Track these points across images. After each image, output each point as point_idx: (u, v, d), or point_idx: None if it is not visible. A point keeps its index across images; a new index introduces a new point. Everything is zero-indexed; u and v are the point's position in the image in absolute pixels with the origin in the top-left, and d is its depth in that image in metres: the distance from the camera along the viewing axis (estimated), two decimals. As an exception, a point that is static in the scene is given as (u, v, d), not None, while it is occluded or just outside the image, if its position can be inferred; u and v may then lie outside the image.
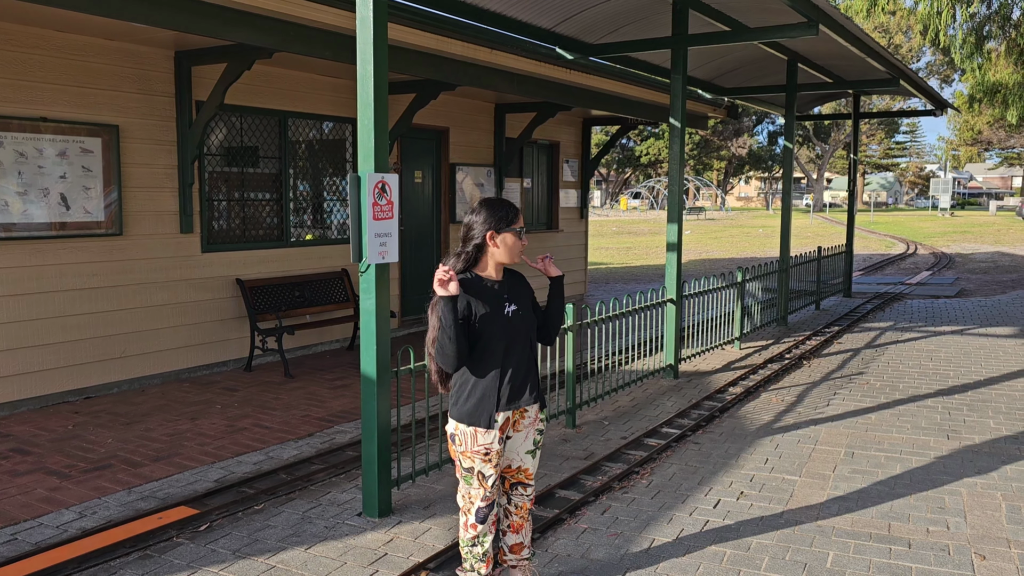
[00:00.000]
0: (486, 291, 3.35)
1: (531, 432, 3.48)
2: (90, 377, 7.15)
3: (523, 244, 3.39)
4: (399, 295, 10.23)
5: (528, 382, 3.41)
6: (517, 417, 3.43)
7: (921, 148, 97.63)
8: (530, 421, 3.47)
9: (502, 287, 3.40)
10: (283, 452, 5.73)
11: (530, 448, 3.50)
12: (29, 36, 6.59)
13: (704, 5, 7.83)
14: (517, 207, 3.45)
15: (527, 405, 3.42)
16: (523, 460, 3.50)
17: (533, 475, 3.56)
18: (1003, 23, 19.15)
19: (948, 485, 5.16)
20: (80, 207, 6.98)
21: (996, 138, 66.30)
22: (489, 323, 3.30)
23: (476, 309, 3.30)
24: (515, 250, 3.39)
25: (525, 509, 3.58)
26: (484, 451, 3.34)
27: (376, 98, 4.36)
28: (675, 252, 8.05)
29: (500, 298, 3.36)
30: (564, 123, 13.30)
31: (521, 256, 3.40)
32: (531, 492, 3.57)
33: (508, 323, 3.34)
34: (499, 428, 3.35)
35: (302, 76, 8.80)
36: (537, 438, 3.51)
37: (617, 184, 77.20)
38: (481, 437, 3.33)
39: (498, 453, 3.37)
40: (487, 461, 3.35)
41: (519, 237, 3.38)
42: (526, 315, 3.41)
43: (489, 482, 3.38)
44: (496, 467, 3.38)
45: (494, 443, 3.34)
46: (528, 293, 3.49)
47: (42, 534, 4.36)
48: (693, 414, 6.81)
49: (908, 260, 23.34)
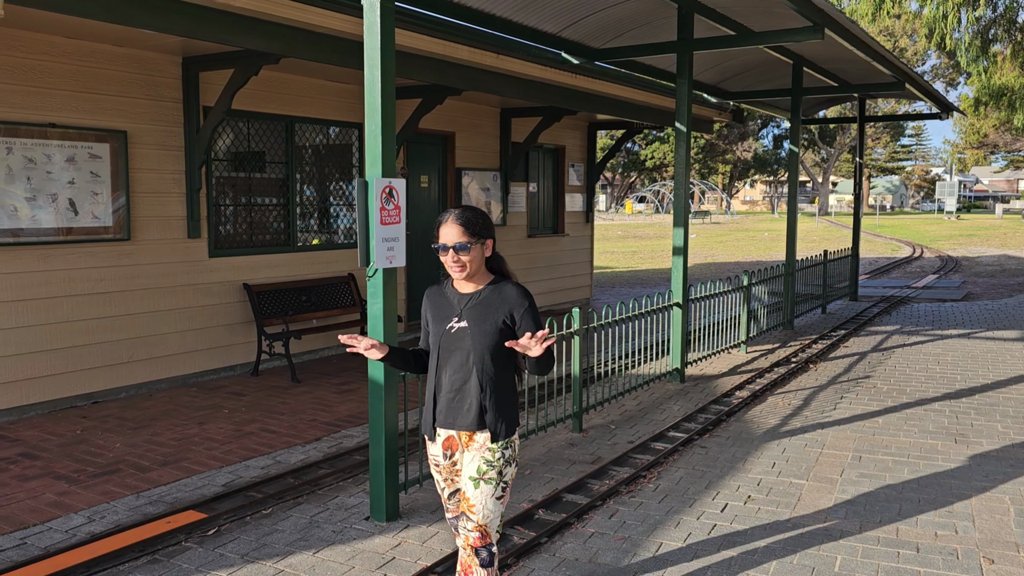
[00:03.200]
0: (442, 301, 3.18)
1: (477, 458, 3.08)
2: (98, 382, 7.18)
3: (449, 262, 3.06)
4: (405, 300, 10.25)
5: (467, 405, 3.06)
6: (466, 439, 3.12)
7: (927, 151, 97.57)
8: (478, 446, 3.09)
9: (463, 300, 3.13)
10: (290, 456, 5.75)
11: (471, 475, 3.07)
12: (38, 42, 6.63)
13: (709, 10, 7.84)
14: (449, 217, 3.08)
15: (463, 430, 3.10)
16: (465, 486, 3.10)
17: (476, 509, 3.06)
18: (1009, 26, 19.12)
19: (956, 489, 5.15)
20: (88, 212, 7.01)
21: (1002, 141, 66.12)
22: (433, 334, 3.15)
23: (428, 318, 3.20)
24: (448, 268, 3.11)
25: (467, 545, 3.09)
26: (434, 461, 3.23)
27: (384, 103, 4.37)
28: (681, 256, 8.05)
29: (451, 311, 3.12)
30: (569, 127, 13.32)
31: (459, 275, 3.09)
32: (473, 528, 3.07)
33: (447, 338, 3.09)
34: (440, 443, 3.17)
35: (309, 81, 8.83)
36: (483, 467, 3.06)
37: (622, 188, 77.21)
38: (431, 447, 3.23)
39: (446, 468, 3.20)
40: (437, 471, 3.23)
41: (443, 253, 3.07)
42: (479, 334, 3.05)
43: (445, 494, 3.25)
44: (447, 481, 3.22)
45: (439, 455, 3.19)
46: (502, 312, 3.08)
47: (51, 538, 4.38)
48: (700, 418, 6.80)
49: (914, 263, 23.28)
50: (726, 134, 63.04)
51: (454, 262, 3.06)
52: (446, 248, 3.06)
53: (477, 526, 3.07)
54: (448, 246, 3.05)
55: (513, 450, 3.12)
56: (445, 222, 3.08)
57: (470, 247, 3.05)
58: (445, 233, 3.06)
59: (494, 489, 3.06)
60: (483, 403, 3.06)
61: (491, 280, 3.16)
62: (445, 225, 3.07)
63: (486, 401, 3.06)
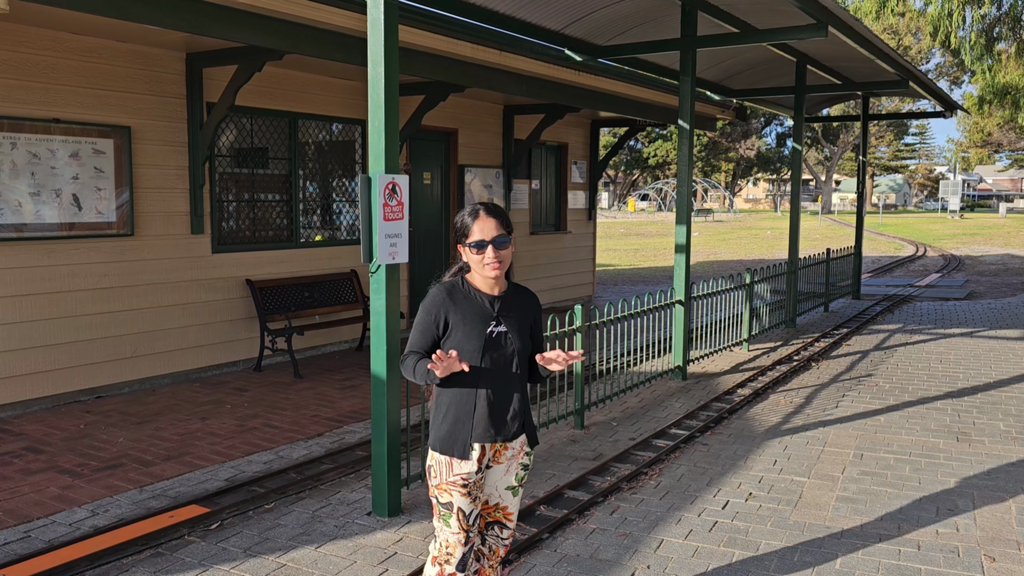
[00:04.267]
0: (471, 303, 2.85)
1: (514, 466, 2.96)
2: (101, 377, 7.20)
3: (488, 260, 2.78)
4: (408, 296, 10.26)
5: (511, 414, 2.89)
6: (498, 448, 2.92)
7: (930, 150, 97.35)
8: (513, 454, 2.95)
9: (494, 303, 2.87)
10: (293, 452, 5.76)
11: (511, 484, 2.97)
12: (42, 38, 6.64)
13: (713, 7, 7.83)
14: (480, 211, 2.80)
15: (506, 440, 2.91)
16: (502, 496, 2.97)
17: (514, 516, 3.02)
18: (1014, 24, 19.08)
19: (957, 487, 5.15)
20: (92, 208, 7.03)
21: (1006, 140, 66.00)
22: (469, 339, 2.81)
23: (452, 320, 2.83)
24: (479, 268, 2.82)
25: (498, 555, 3.05)
26: (462, 482, 2.84)
27: (387, 100, 4.38)
28: (683, 254, 8.05)
29: (486, 314, 2.84)
30: (572, 125, 13.32)
31: (495, 274, 2.81)
32: (508, 536, 3.03)
33: (491, 343, 2.83)
34: (476, 459, 2.87)
35: (312, 78, 8.84)
36: (521, 473, 2.99)
37: (625, 186, 77.15)
38: (457, 466, 2.85)
39: (478, 485, 2.89)
40: (466, 495, 2.85)
41: (479, 252, 2.79)
42: (517, 340, 2.87)
43: (470, 519, 2.89)
44: (475, 502, 2.89)
45: (472, 474, 2.86)
46: (529, 317, 2.95)
47: (55, 532, 4.39)
48: (701, 415, 6.81)
49: (917, 262, 23.26)
50: (729, 132, 63.00)
51: (494, 258, 2.77)
52: (483, 244, 2.76)
53: (511, 532, 3.01)
54: (487, 241, 2.76)
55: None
56: (477, 217, 2.79)
57: (508, 241, 2.80)
58: (481, 228, 2.77)
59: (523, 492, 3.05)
60: (523, 409, 2.93)
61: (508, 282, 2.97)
62: (479, 220, 2.78)
63: (526, 406, 2.94)
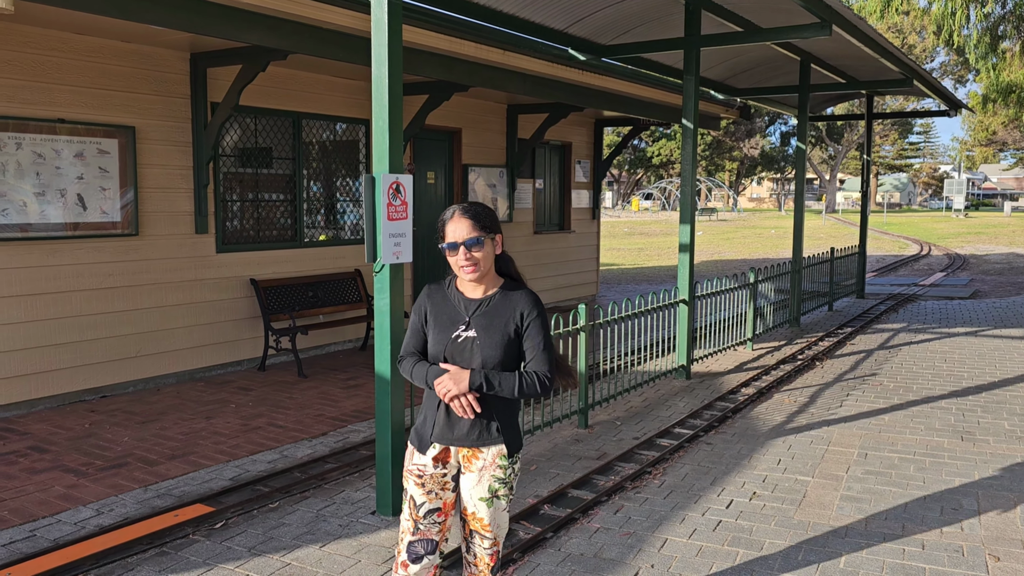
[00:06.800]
0: (446, 305, 2.87)
1: (485, 477, 2.86)
2: (106, 376, 7.21)
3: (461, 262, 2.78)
4: (412, 295, 10.27)
5: (470, 422, 2.81)
6: (466, 454, 2.87)
7: (935, 149, 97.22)
8: (483, 464, 2.85)
9: (471, 307, 2.84)
10: (297, 451, 5.77)
11: (484, 495, 2.87)
12: (47, 39, 6.65)
13: (717, 6, 7.83)
14: (456, 212, 2.81)
15: (467, 446, 2.84)
16: (476, 507, 2.89)
17: (492, 527, 2.90)
18: (1018, 23, 19.03)
19: (962, 487, 5.15)
20: (96, 208, 7.05)
21: (1011, 139, 65.85)
22: (436, 342, 2.83)
23: (429, 321, 2.88)
24: (456, 270, 2.83)
25: (484, 563, 2.95)
26: (417, 472, 2.87)
27: (391, 100, 4.39)
28: (687, 253, 8.05)
29: (457, 317, 2.83)
30: (576, 124, 13.32)
31: (471, 276, 2.80)
32: (490, 546, 2.94)
33: (453, 348, 2.81)
34: (433, 457, 2.87)
35: (316, 77, 8.85)
36: (495, 485, 2.86)
37: (629, 185, 77.13)
38: (417, 456, 2.89)
39: (435, 480, 2.87)
40: (419, 485, 2.87)
41: (452, 253, 2.79)
42: (488, 345, 2.78)
43: (420, 512, 2.86)
44: (430, 495, 2.87)
45: (428, 466, 2.86)
46: (511, 323, 2.82)
47: (60, 531, 4.41)
48: (705, 414, 6.81)
49: (922, 261, 23.21)
50: (733, 131, 62.93)
51: (467, 260, 2.76)
52: (455, 246, 2.76)
53: (493, 543, 2.95)
54: (458, 243, 2.76)
55: (519, 461, 2.96)
56: (451, 218, 2.80)
57: (482, 241, 2.76)
58: (453, 230, 2.77)
59: (506, 504, 2.91)
60: (492, 418, 2.83)
61: (501, 284, 2.88)
62: (452, 221, 2.79)
63: (496, 415, 2.83)
